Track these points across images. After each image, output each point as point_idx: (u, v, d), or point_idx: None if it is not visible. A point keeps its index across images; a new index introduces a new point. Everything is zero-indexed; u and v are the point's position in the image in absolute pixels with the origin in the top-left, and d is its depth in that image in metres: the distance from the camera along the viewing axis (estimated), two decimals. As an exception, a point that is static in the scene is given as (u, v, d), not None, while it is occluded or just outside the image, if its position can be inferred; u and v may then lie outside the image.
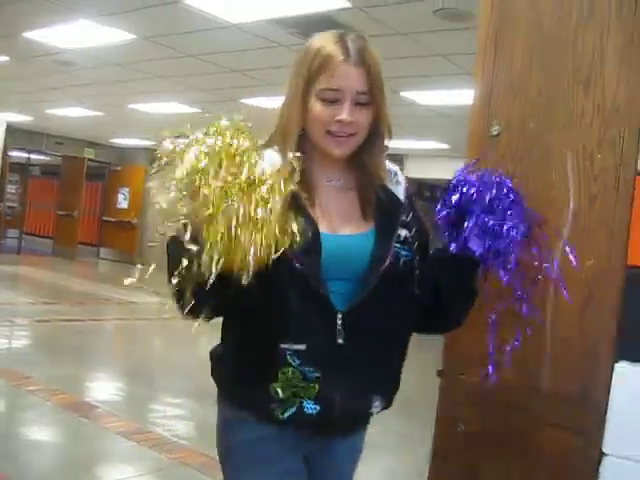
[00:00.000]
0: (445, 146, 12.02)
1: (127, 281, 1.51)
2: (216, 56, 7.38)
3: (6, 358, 7.01)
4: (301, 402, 1.56)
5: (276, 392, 1.55)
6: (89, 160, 18.58)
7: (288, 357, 1.54)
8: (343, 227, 1.63)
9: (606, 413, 1.70)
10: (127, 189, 18.79)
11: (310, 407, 1.56)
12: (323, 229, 1.57)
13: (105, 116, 13.35)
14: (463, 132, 2.11)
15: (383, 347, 1.63)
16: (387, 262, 1.60)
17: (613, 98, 1.74)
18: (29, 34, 7.36)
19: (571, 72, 1.81)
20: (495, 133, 1.91)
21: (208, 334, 1.75)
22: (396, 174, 1.75)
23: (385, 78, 1.62)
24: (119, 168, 19.20)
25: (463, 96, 6.82)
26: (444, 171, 1.97)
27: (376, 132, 1.66)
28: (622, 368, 1.69)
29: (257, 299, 1.45)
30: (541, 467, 1.82)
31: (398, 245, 1.64)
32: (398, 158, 13.58)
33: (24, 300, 10.74)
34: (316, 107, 1.59)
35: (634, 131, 1.70)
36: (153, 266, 1.45)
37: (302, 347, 1.54)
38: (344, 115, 1.56)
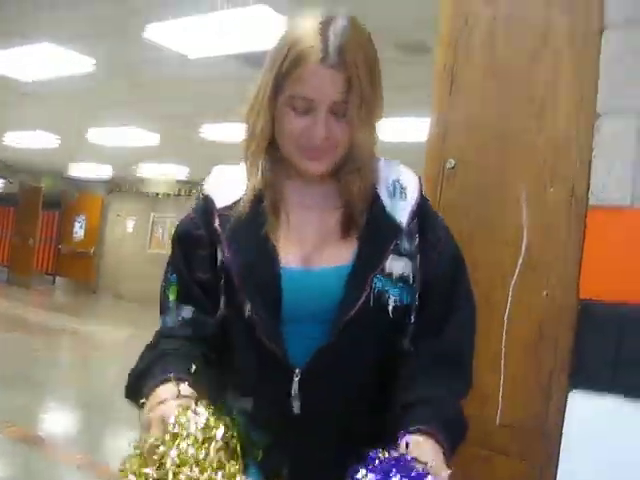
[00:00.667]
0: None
1: None
2: (175, 85, 7.39)
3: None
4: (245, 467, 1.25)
5: None
6: (46, 189, 18.39)
7: (234, 414, 1.23)
8: (316, 257, 1.33)
9: (560, 444, 1.71)
10: (84, 218, 18.63)
11: (253, 473, 1.22)
12: (288, 261, 1.31)
13: (62, 145, 13.23)
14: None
15: (351, 413, 1.31)
16: (358, 305, 1.27)
17: (565, 132, 1.78)
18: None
19: (525, 106, 1.85)
20: (450, 166, 1.93)
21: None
22: (403, 188, 1.39)
23: None
24: (76, 197, 19.03)
25: (418, 131, 6.91)
26: None
27: (355, 150, 1.35)
28: (576, 398, 1.70)
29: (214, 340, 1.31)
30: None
31: (383, 282, 1.30)
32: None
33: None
34: (286, 117, 1.31)
35: (585, 165, 1.74)
36: None
37: (248, 406, 1.22)
38: (317, 132, 1.28)
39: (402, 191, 1.38)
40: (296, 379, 1.26)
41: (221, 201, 1.39)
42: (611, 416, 1.65)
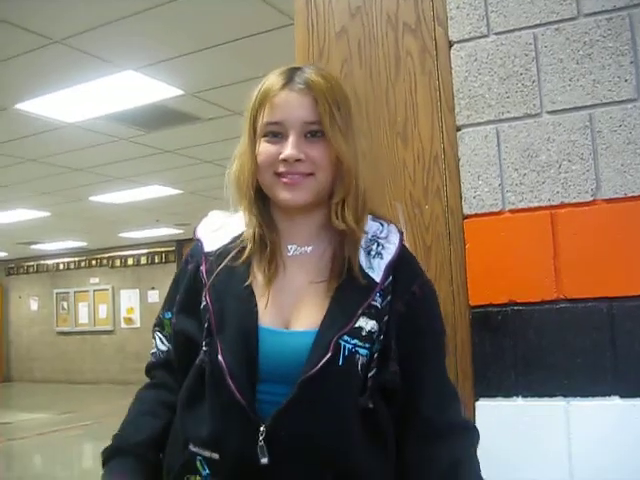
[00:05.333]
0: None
1: None
2: (57, 157, 7.26)
3: None
4: None
5: None
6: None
7: (197, 463, 1.27)
8: (293, 318, 1.31)
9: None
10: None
11: None
12: (267, 321, 1.29)
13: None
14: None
15: (321, 470, 1.25)
16: (320, 366, 1.22)
17: (430, 148, 1.83)
18: None
19: (388, 128, 1.89)
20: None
21: (92, 444, 1.66)
22: (380, 245, 1.35)
23: (229, 158, 1.37)
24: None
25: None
26: None
27: (344, 177, 1.32)
28: (484, 406, 1.72)
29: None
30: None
31: (352, 342, 1.26)
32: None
33: None
34: (261, 147, 1.31)
35: (455, 178, 1.78)
36: None
37: (215, 456, 1.25)
38: (287, 152, 1.27)
39: (378, 249, 1.35)
40: (262, 435, 1.21)
41: (209, 245, 1.39)
42: (520, 419, 1.67)
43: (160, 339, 1.47)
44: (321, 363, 1.22)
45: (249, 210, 1.36)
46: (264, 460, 1.21)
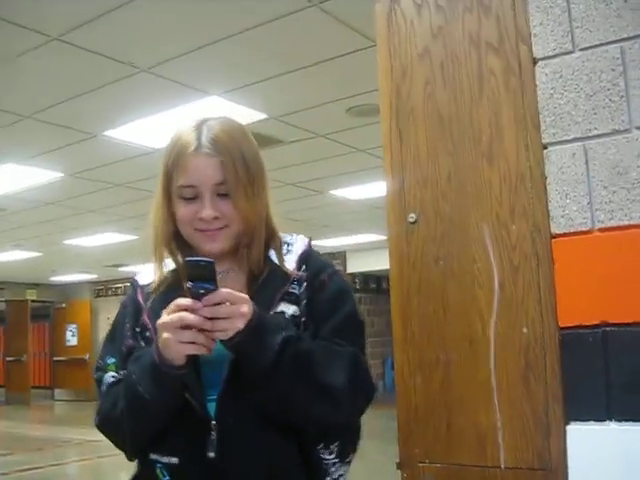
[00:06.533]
0: (383, 237, 12.18)
1: None
2: (144, 182, 7.45)
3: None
4: None
5: None
6: (32, 301, 18.29)
7: (157, 470, 1.41)
8: None
9: (567, 478, 1.68)
10: (74, 325, 18.50)
11: None
12: None
13: (43, 255, 13.26)
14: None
15: (271, 462, 1.42)
16: None
17: (516, 167, 1.80)
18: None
19: (473, 149, 1.87)
20: (412, 220, 1.95)
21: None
22: (289, 244, 1.61)
23: (311, 180, 1.58)
24: (64, 305, 18.94)
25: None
26: (387, 262, 1.95)
27: (247, 229, 1.53)
28: (575, 430, 1.68)
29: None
30: None
31: None
32: (340, 256, 13.70)
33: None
34: (179, 208, 1.50)
35: (542, 197, 1.75)
36: None
37: (173, 460, 1.39)
38: (204, 212, 1.46)
39: (288, 248, 1.59)
40: (213, 425, 1.38)
41: (142, 280, 1.62)
42: (612, 444, 1.62)
43: (111, 376, 1.56)
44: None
45: (169, 253, 1.57)
46: (212, 453, 1.37)
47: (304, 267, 1.56)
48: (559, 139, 1.73)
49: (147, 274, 1.62)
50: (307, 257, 1.58)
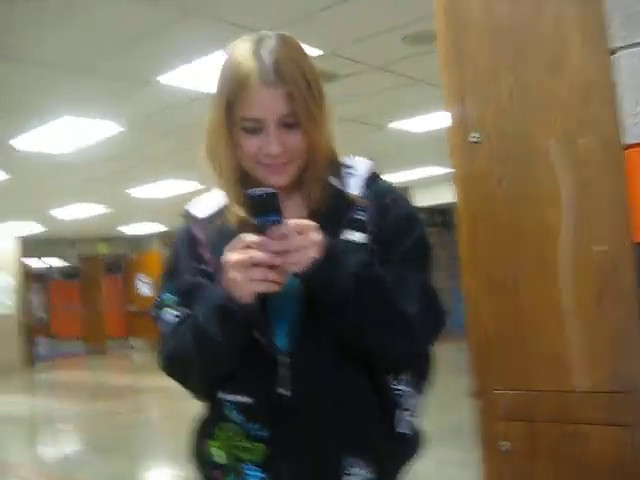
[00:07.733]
0: (448, 169, 12.00)
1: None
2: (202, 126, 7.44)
3: (62, 465, 6.95)
4: (243, 469, 1.35)
5: (210, 454, 1.40)
6: (103, 255, 18.74)
7: (226, 410, 1.37)
8: None
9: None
10: (146, 276, 18.89)
11: (254, 475, 1.33)
12: None
13: (110, 209, 13.48)
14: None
15: (344, 396, 1.35)
16: None
17: (582, 76, 1.70)
18: (13, 141, 7.53)
19: (536, 61, 1.77)
20: (474, 140, 1.87)
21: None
22: (351, 167, 1.49)
23: (370, 114, 1.46)
24: (135, 257, 19.33)
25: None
26: (452, 194, 1.87)
27: (315, 161, 1.43)
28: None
29: None
30: (593, 466, 1.73)
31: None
32: (403, 191, 13.57)
33: (64, 404, 10.72)
34: (241, 140, 1.39)
35: (610, 105, 1.65)
36: None
37: (245, 399, 1.35)
38: (272, 148, 1.35)
39: (350, 171, 1.47)
40: (283, 364, 1.33)
41: (198, 213, 1.53)
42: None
43: (169, 313, 1.48)
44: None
45: (231, 187, 1.46)
46: (283, 390, 1.32)
47: (369, 192, 1.45)
48: (629, 42, 1.62)
49: (202, 206, 1.54)
50: (372, 181, 1.47)
